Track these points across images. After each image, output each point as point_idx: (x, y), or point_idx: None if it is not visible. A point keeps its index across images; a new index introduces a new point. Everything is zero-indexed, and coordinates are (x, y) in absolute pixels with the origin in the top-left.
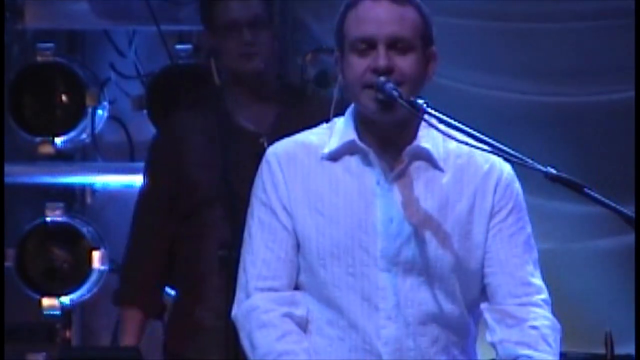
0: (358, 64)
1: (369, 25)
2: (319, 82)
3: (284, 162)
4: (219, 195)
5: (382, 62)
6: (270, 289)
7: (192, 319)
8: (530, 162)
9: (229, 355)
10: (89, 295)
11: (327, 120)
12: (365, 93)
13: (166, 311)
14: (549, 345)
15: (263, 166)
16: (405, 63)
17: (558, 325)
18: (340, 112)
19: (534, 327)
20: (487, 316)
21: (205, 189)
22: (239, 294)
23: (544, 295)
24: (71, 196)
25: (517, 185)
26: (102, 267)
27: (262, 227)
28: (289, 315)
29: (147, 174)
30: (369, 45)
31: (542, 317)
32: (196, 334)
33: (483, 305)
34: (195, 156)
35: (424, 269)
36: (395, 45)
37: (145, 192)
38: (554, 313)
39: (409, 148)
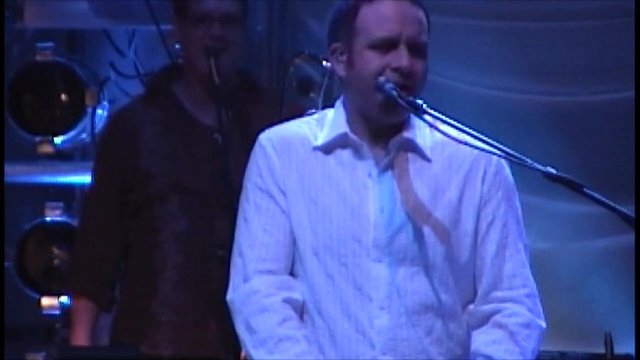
0: (377, 61)
1: (392, 24)
2: (301, 89)
3: (278, 148)
4: (172, 188)
5: (406, 62)
6: (269, 272)
7: (146, 313)
8: (530, 161)
9: (181, 349)
10: None
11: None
12: (377, 93)
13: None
14: (516, 343)
15: (257, 151)
16: (420, 66)
17: (536, 322)
18: (329, 104)
19: (502, 326)
20: (468, 319)
21: (159, 181)
22: (235, 278)
23: (528, 289)
24: (71, 196)
25: (507, 171)
26: None
27: (259, 212)
28: (288, 301)
29: (97, 166)
30: (390, 44)
31: (516, 315)
32: (151, 329)
33: (466, 309)
34: (148, 147)
35: (416, 259)
36: (413, 47)
37: (95, 185)
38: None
39: (394, 139)
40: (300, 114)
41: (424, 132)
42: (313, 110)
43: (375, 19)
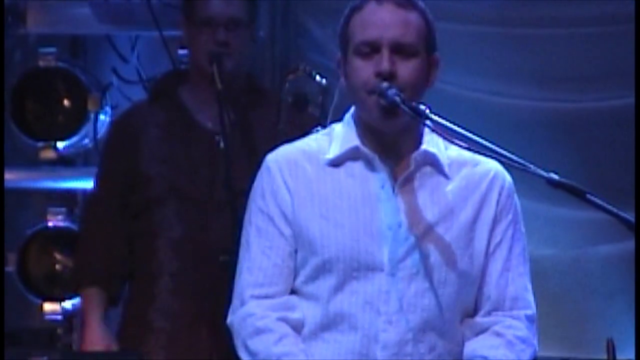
0: (362, 68)
1: (373, 29)
2: (297, 105)
3: (284, 168)
4: (170, 193)
5: (385, 65)
6: (265, 297)
7: (143, 320)
8: (533, 167)
9: (173, 356)
10: None
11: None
12: (370, 99)
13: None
14: (512, 352)
15: (262, 172)
16: (407, 68)
17: (532, 341)
18: (338, 118)
19: (500, 334)
20: (465, 333)
21: (158, 185)
22: (235, 301)
23: (530, 311)
24: (73, 201)
25: (516, 194)
26: None
27: (259, 234)
28: (283, 319)
29: (100, 169)
30: (373, 48)
31: (515, 328)
32: (146, 336)
33: (464, 321)
34: (150, 150)
35: (428, 275)
36: (399, 49)
37: (98, 188)
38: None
39: (416, 153)
40: (306, 120)
41: (441, 148)
42: (319, 128)
43: (358, 26)
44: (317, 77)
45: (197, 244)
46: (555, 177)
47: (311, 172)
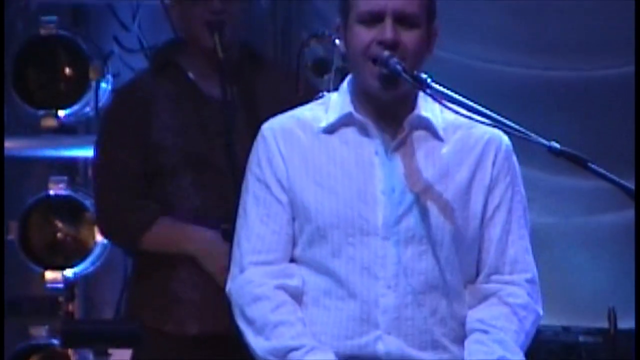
0: (364, 36)
1: None
2: (317, 70)
3: (279, 137)
4: (185, 163)
5: (389, 35)
6: (264, 263)
7: (167, 291)
8: (534, 136)
9: (206, 327)
10: (92, 268)
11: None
12: (369, 67)
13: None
14: (513, 321)
15: (258, 141)
16: (410, 38)
17: (533, 307)
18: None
19: (501, 303)
20: (467, 299)
21: (172, 155)
22: (233, 269)
23: (530, 274)
24: (74, 170)
25: (514, 157)
26: (105, 241)
27: (257, 202)
28: (282, 287)
29: (105, 135)
30: (376, 17)
31: (515, 295)
32: (173, 307)
33: (467, 287)
34: (162, 121)
35: (424, 238)
36: (402, 19)
37: (106, 154)
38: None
39: (409, 117)
40: (313, 93)
41: (436, 112)
42: (324, 94)
43: None
44: (337, 41)
45: (217, 213)
46: (557, 145)
47: (305, 141)
